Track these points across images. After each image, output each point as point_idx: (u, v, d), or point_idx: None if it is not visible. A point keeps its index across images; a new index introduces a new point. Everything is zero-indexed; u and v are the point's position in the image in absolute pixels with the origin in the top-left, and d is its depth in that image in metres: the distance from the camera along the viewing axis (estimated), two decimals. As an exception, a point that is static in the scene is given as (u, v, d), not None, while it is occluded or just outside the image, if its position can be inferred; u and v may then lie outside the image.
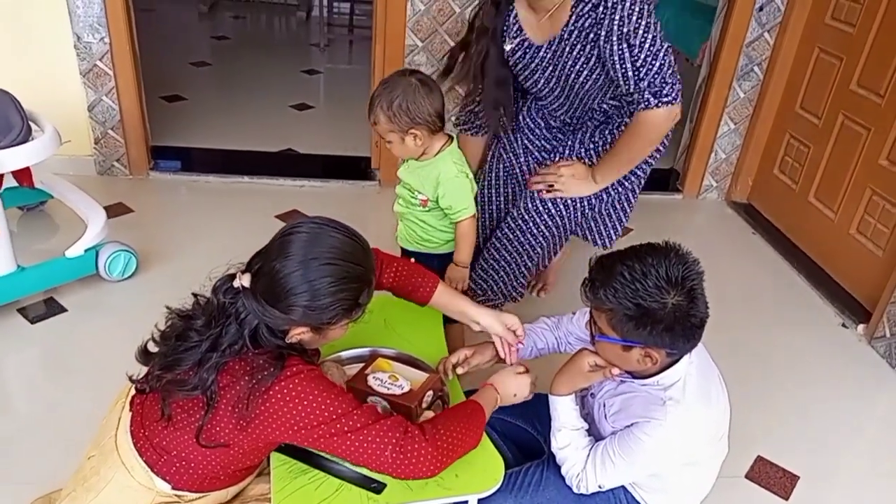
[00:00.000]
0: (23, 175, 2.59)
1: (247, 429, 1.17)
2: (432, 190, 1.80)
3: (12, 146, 2.14)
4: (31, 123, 2.24)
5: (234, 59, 5.02)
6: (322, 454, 1.28)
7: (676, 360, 1.32)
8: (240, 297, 1.17)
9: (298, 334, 1.20)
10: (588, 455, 1.40)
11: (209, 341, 1.17)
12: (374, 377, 1.40)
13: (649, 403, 1.32)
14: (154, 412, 1.23)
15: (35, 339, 2.21)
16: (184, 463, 1.23)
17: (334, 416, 1.14)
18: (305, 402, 1.14)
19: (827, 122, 2.95)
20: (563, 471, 1.42)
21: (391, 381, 1.40)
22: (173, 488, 1.26)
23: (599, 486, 1.37)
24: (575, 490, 1.40)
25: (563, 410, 1.42)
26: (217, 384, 1.16)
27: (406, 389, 1.38)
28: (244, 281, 1.17)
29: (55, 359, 2.17)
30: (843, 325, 2.67)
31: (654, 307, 1.20)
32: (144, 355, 1.25)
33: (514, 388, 1.41)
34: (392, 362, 1.47)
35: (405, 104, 1.66)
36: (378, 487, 1.23)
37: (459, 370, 1.53)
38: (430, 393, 1.40)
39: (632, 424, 1.33)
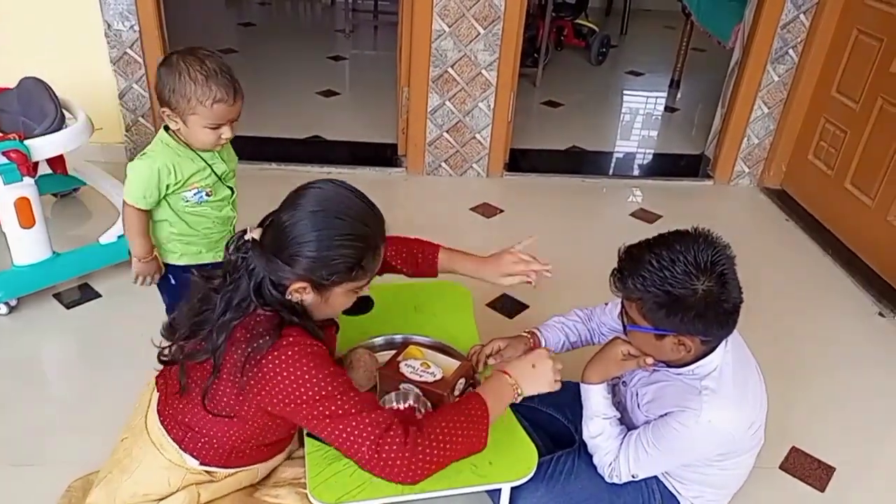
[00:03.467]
0: (56, 162, 2.63)
1: (244, 396, 1.16)
2: (235, 154, 1.74)
3: (47, 134, 2.16)
4: (64, 111, 2.27)
5: (260, 46, 5.03)
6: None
7: (712, 349, 1.30)
8: (250, 252, 1.17)
9: (298, 290, 1.18)
10: (621, 444, 1.38)
11: (225, 300, 1.17)
12: (406, 364, 1.40)
13: (684, 393, 1.30)
14: (175, 388, 1.25)
15: (70, 324, 2.25)
16: (206, 438, 1.25)
17: (318, 397, 1.12)
18: (294, 377, 1.12)
19: (864, 106, 2.87)
20: (595, 460, 1.41)
21: (423, 368, 1.39)
22: (201, 464, 1.28)
23: (633, 476, 1.37)
24: (607, 479, 1.39)
25: (595, 399, 1.40)
26: (225, 348, 1.16)
27: (438, 377, 1.38)
28: (254, 234, 1.19)
29: (90, 343, 2.20)
30: (881, 314, 2.61)
31: (684, 293, 1.18)
32: (169, 329, 1.26)
33: (534, 376, 1.29)
34: (424, 350, 1.46)
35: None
36: (412, 474, 1.23)
37: (491, 361, 1.52)
38: (462, 381, 1.39)
39: (666, 414, 1.31)
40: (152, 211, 1.65)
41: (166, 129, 1.61)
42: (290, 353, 1.13)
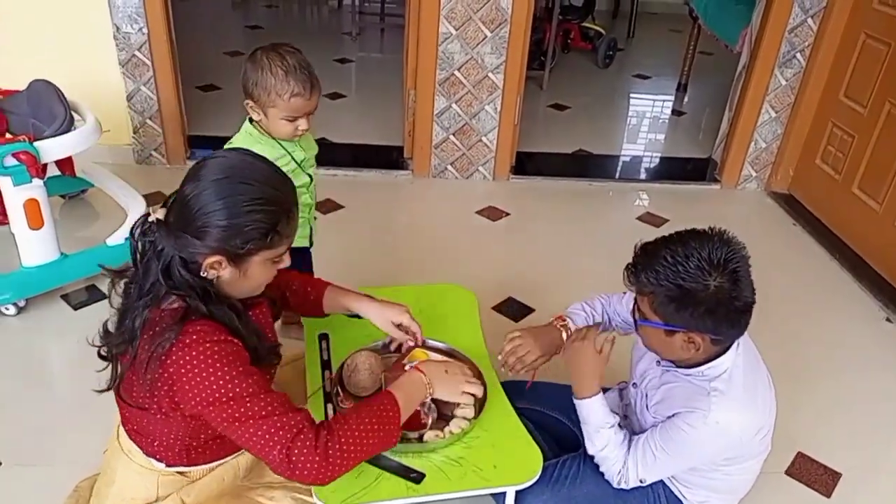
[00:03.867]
0: (65, 164, 2.65)
1: (153, 393, 1.13)
2: (315, 144, 1.86)
3: (56, 136, 2.18)
4: (73, 113, 2.29)
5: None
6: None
7: (723, 352, 1.30)
8: (157, 233, 1.11)
9: (213, 265, 1.11)
10: (628, 449, 1.38)
11: (137, 287, 1.13)
12: (409, 366, 1.40)
13: (693, 394, 1.30)
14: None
15: (78, 325, 2.26)
16: (152, 437, 1.23)
17: (225, 399, 1.06)
18: (199, 379, 1.07)
19: (872, 111, 2.86)
20: (602, 469, 1.40)
21: None
22: (167, 465, 1.26)
23: (641, 481, 1.36)
24: (616, 486, 1.39)
25: (595, 410, 1.39)
26: (139, 335, 1.11)
27: None
28: (158, 214, 1.12)
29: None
30: (888, 319, 2.60)
31: (696, 288, 1.19)
32: (104, 331, 1.20)
33: (444, 381, 1.30)
34: (429, 352, 1.46)
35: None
36: (417, 477, 1.23)
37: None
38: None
39: (674, 415, 1.31)
40: None
41: (250, 120, 1.73)
42: (193, 353, 1.07)
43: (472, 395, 1.33)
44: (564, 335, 1.53)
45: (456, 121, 3.22)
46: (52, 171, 2.56)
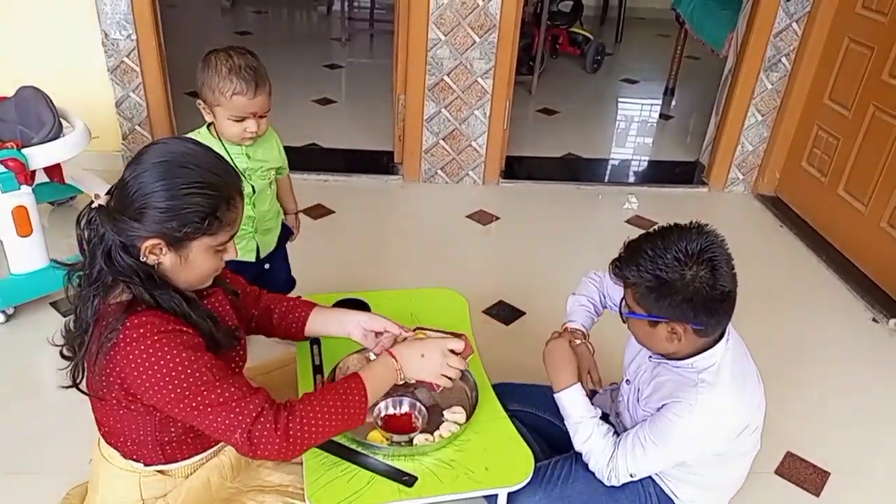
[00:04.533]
0: (54, 171, 2.64)
1: (107, 385, 1.13)
2: (278, 155, 1.87)
3: (44, 142, 2.17)
4: (62, 120, 2.28)
5: (256, 54, 5.05)
6: (353, 447, 1.29)
7: (711, 344, 1.33)
8: (99, 219, 1.11)
9: (152, 249, 1.10)
10: (616, 442, 1.39)
11: (85, 277, 1.13)
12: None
13: (682, 385, 1.33)
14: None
15: (59, 339, 2.24)
16: (125, 437, 1.22)
17: (179, 388, 1.07)
18: (150, 372, 1.06)
19: (857, 114, 2.90)
20: (591, 465, 1.42)
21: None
22: (145, 465, 1.25)
23: (631, 475, 1.37)
24: (606, 482, 1.40)
25: (574, 401, 1.43)
26: (92, 327, 1.11)
27: None
28: (101, 200, 1.12)
29: (87, 351, 2.20)
30: (874, 320, 2.63)
31: (673, 278, 1.24)
32: (66, 329, 1.19)
33: (420, 364, 1.27)
34: (427, 330, 1.42)
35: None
36: (409, 480, 1.24)
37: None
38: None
39: (662, 406, 1.33)
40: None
41: (209, 126, 1.75)
42: (142, 347, 1.06)
43: (451, 378, 1.29)
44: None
45: (445, 126, 3.23)
46: (41, 177, 2.54)
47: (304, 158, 3.48)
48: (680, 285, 1.24)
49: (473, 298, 1.84)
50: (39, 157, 2.15)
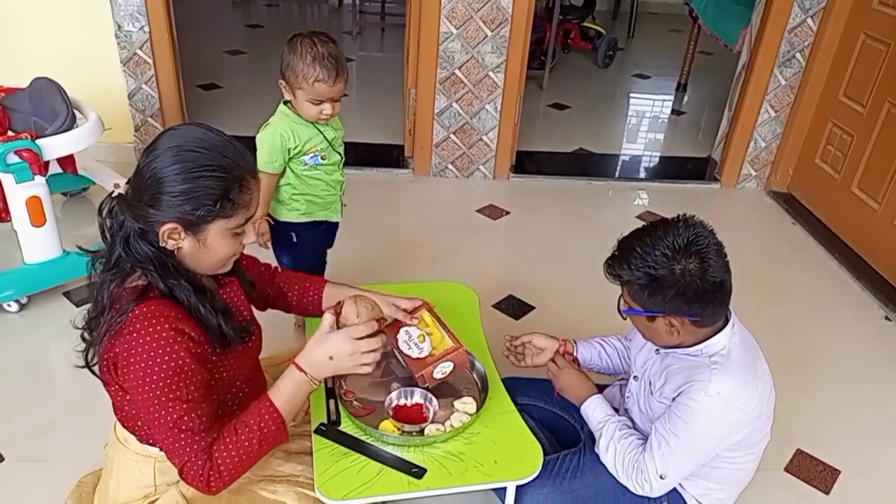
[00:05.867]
0: (67, 162, 2.65)
1: (106, 368, 1.16)
2: (342, 132, 1.95)
3: (58, 133, 2.19)
4: (75, 111, 2.29)
5: (267, 47, 5.05)
6: (361, 439, 1.29)
7: (716, 332, 1.33)
8: (118, 207, 1.14)
9: (170, 234, 1.12)
10: (640, 448, 1.38)
11: (105, 262, 1.16)
12: (405, 331, 1.41)
13: (693, 368, 1.33)
14: None
15: (80, 322, 2.26)
16: (139, 420, 1.23)
17: (149, 389, 1.09)
18: (137, 360, 1.09)
19: (872, 111, 2.87)
20: (620, 474, 1.39)
21: (418, 340, 1.40)
22: (161, 450, 1.25)
23: (661, 477, 1.35)
24: (640, 493, 1.38)
25: (595, 409, 1.47)
26: (108, 311, 1.13)
27: (424, 354, 1.38)
28: (120, 189, 1.16)
29: (99, 341, 2.22)
30: (887, 318, 2.61)
31: (663, 274, 1.26)
32: (88, 314, 1.21)
33: (330, 366, 1.22)
34: (437, 322, 1.44)
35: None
36: (419, 472, 1.24)
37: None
38: (449, 365, 1.37)
39: (677, 396, 1.33)
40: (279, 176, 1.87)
41: (286, 102, 1.84)
42: (141, 334, 1.09)
43: (368, 364, 1.25)
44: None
45: (456, 120, 3.23)
46: (54, 168, 2.56)
47: (314, 151, 3.51)
48: (671, 280, 1.25)
49: (483, 292, 1.84)
50: (53, 147, 2.17)
